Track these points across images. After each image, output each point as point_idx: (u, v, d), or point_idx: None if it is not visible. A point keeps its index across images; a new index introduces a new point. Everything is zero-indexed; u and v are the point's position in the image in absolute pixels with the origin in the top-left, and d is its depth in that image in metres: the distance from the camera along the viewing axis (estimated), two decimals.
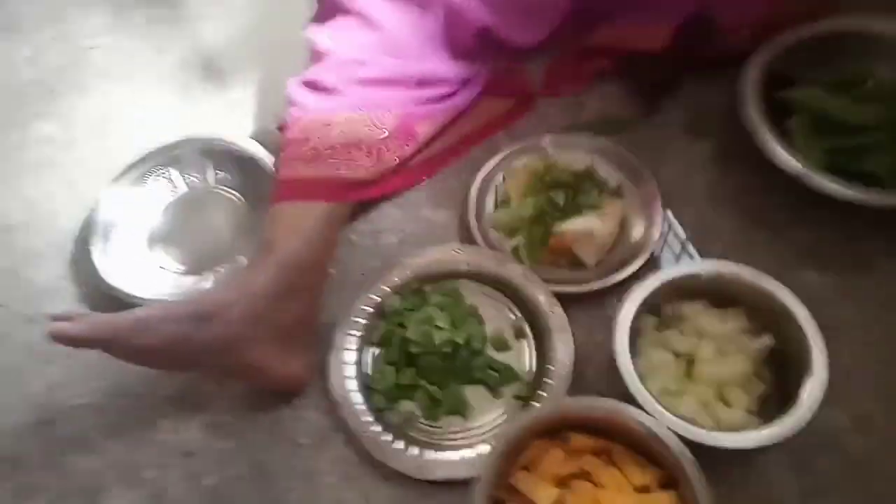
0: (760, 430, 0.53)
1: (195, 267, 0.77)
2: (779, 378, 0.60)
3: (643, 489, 0.52)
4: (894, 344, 0.64)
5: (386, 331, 0.68)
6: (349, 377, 0.66)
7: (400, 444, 0.63)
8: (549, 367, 0.65)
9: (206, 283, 0.75)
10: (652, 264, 0.69)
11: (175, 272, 0.77)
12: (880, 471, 0.58)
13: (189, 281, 0.75)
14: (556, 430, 0.56)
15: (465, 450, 0.62)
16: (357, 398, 0.65)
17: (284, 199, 0.70)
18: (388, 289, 0.70)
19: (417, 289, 0.70)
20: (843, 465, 0.58)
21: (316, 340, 0.69)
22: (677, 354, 0.61)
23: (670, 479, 0.52)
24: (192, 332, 0.60)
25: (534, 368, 0.66)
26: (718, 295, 0.62)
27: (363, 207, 0.77)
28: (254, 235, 0.76)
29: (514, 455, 0.55)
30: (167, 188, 0.84)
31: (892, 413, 0.60)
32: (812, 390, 0.54)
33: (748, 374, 0.59)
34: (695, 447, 0.52)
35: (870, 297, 0.66)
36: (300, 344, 0.67)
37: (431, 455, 0.62)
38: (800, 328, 0.57)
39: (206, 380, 0.69)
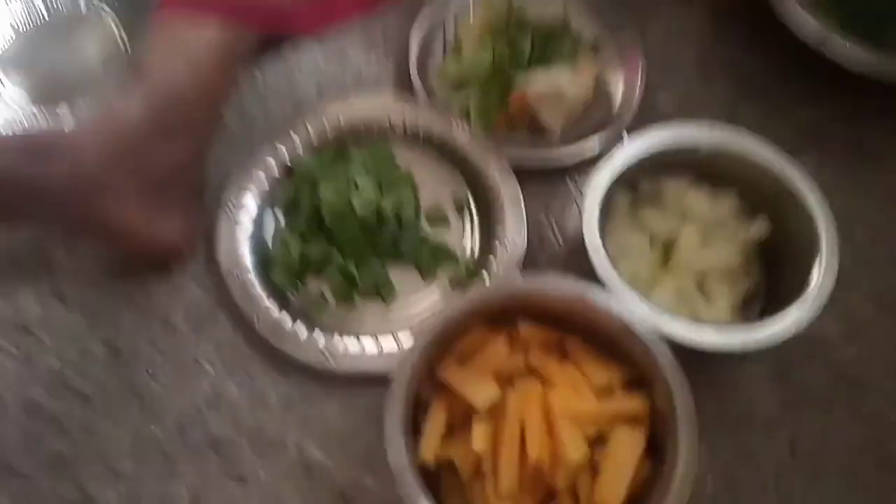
0: (756, 330, 0.43)
1: (48, 100, 0.59)
2: (768, 275, 0.50)
3: (605, 391, 0.41)
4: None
5: (293, 192, 0.54)
6: (243, 246, 0.53)
7: (302, 330, 0.50)
8: (496, 247, 0.52)
9: (59, 118, 0.58)
10: (627, 134, 0.57)
11: (18, 103, 0.59)
12: (868, 385, 0.50)
13: (37, 115, 0.58)
14: (501, 318, 0.44)
15: (386, 340, 0.50)
16: (252, 273, 0.52)
17: (168, 8, 0.54)
18: (300, 142, 0.55)
19: (338, 146, 0.56)
20: (830, 376, 0.50)
21: (202, 199, 0.54)
22: (654, 237, 0.50)
23: (639, 379, 0.42)
24: (24, 170, 0.45)
25: (476, 250, 0.54)
26: (707, 170, 0.50)
27: (275, 43, 0.61)
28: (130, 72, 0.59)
29: (446, 345, 0.43)
30: (22, 5, 0.65)
31: (891, 322, 0.52)
32: (822, 283, 0.44)
33: (736, 265, 0.48)
34: (670, 346, 0.41)
35: (874, 188, 0.56)
36: (180, 201, 0.52)
37: (342, 344, 0.50)
38: (806, 211, 0.46)
39: (51, 241, 0.53)
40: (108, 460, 0.48)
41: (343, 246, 0.51)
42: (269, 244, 0.54)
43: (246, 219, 0.54)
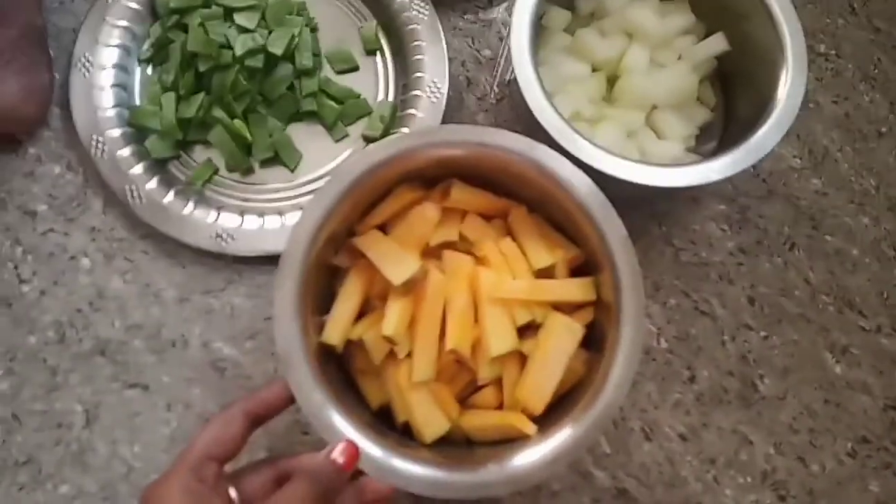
0: (708, 165, 0.37)
1: None
2: (726, 104, 0.44)
3: (546, 274, 0.35)
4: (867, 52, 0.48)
5: (160, 35, 0.44)
6: (105, 109, 0.43)
7: (190, 208, 0.42)
8: (415, 92, 0.44)
9: None
10: None
11: None
12: (831, 220, 0.45)
13: None
14: (435, 181, 0.37)
15: (292, 214, 0.42)
16: (121, 141, 0.43)
17: None
18: None
19: None
20: (790, 214, 0.45)
21: (43, 49, 0.44)
22: (596, 65, 0.42)
23: (591, 263, 0.35)
24: None
25: (391, 96, 0.46)
26: None
27: None
28: None
29: (364, 208, 0.36)
30: None
31: (855, 149, 0.47)
32: (788, 102, 0.37)
33: (690, 92, 0.42)
34: (617, 190, 0.35)
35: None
36: (12, 53, 0.42)
37: (239, 221, 0.42)
38: (771, 20, 0.39)
39: None
40: None
41: (224, 99, 0.42)
42: (138, 105, 0.44)
43: (105, 74, 0.43)
